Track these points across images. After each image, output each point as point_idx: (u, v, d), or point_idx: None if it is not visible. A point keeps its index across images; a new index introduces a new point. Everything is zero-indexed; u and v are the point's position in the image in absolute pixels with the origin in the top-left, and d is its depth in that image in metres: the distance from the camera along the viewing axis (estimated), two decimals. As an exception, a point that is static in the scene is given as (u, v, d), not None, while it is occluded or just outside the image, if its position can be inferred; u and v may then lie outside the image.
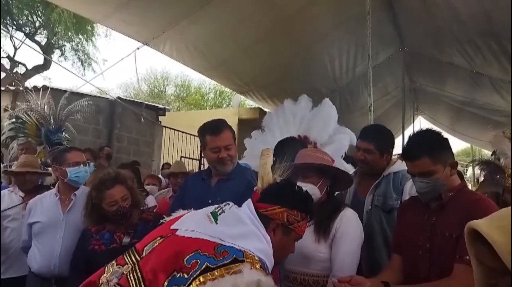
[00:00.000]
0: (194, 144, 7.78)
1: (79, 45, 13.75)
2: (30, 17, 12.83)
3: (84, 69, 13.99)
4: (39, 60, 13.82)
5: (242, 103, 13.69)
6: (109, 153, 5.74)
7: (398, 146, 2.56)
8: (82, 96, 5.31)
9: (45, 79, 14.18)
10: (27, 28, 12.99)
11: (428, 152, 1.63)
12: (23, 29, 12.85)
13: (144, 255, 1.32)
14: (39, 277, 2.39)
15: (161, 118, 8.24)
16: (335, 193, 2.13)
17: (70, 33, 12.55)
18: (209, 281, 1.14)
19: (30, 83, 10.44)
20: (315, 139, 3.06)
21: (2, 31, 11.00)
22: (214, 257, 1.20)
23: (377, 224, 2.24)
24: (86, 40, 13.48)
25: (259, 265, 1.25)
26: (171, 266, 1.20)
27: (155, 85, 22.44)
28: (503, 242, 0.63)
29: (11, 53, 12.99)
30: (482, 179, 3.51)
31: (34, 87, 5.89)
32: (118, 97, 7.57)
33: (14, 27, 12.52)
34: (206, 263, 1.18)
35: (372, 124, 3.74)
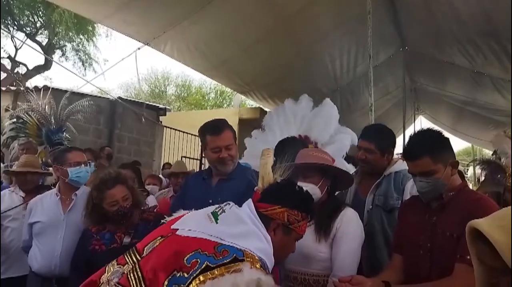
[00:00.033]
0: (195, 144, 7.78)
1: (80, 45, 13.78)
2: (31, 18, 12.86)
3: (85, 69, 14.04)
4: (40, 60, 13.85)
5: (243, 103, 13.69)
6: (110, 153, 5.75)
7: (399, 146, 2.55)
8: (83, 96, 5.31)
9: (46, 79, 14.22)
10: (28, 28, 13.02)
11: (429, 151, 1.63)
12: (24, 29, 12.87)
13: (144, 254, 1.32)
14: (40, 277, 2.39)
15: (162, 118, 8.24)
16: (336, 192, 2.13)
17: (71, 33, 12.57)
18: (209, 280, 1.14)
19: (31, 83, 10.48)
20: (316, 139, 3.06)
21: (3, 31, 11.02)
22: (214, 256, 1.20)
23: (378, 223, 2.23)
24: (87, 40, 13.50)
25: (259, 264, 1.25)
26: (171, 266, 1.20)
27: (156, 85, 22.46)
28: (504, 242, 0.63)
29: (12, 53, 13.04)
30: (483, 178, 3.51)
31: (35, 87, 5.91)
32: (119, 97, 7.58)
33: (15, 28, 12.54)
34: (206, 262, 1.18)
35: (373, 123, 3.74)
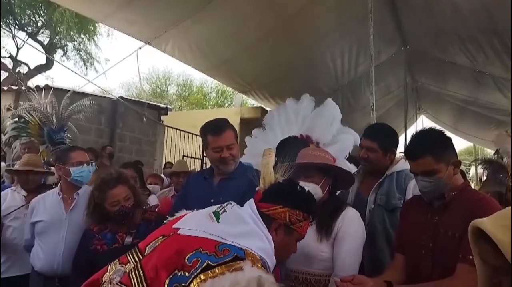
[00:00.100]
0: (196, 143, 7.79)
1: (81, 45, 13.79)
2: (32, 17, 12.87)
3: (86, 68, 14.05)
4: (42, 59, 13.87)
5: (244, 102, 13.70)
6: (111, 152, 5.76)
7: (401, 145, 2.54)
8: (85, 95, 5.33)
9: (47, 79, 14.21)
10: (30, 27, 13.03)
11: (430, 151, 1.62)
12: (26, 28, 12.88)
13: (146, 253, 1.33)
14: (42, 276, 2.40)
15: (163, 118, 8.25)
16: (337, 192, 2.13)
17: (72, 32, 12.58)
18: (209, 279, 1.14)
19: (32, 83, 10.52)
20: (318, 139, 3.06)
21: (5, 31, 11.04)
22: (215, 255, 1.20)
23: (379, 223, 2.23)
24: (88, 39, 13.51)
25: (260, 263, 1.25)
26: (173, 265, 1.20)
27: (157, 85, 22.47)
28: (508, 241, 0.63)
29: (14, 53, 13.05)
30: (485, 178, 3.50)
31: (37, 87, 5.92)
32: (120, 97, 7.59)
33: (16, 27, 12.55)
34: (207, 261, 1.18)
35: (376, 122, 3.73)
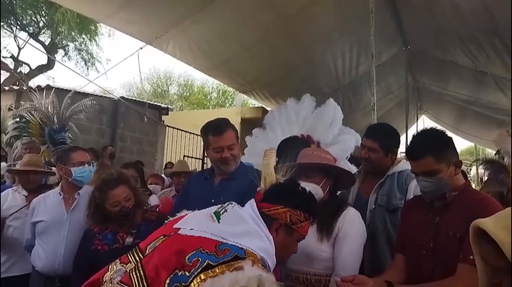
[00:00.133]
0: (197, 143, 7.79)
1: (83, 45, 13.83)
2: (33, 17, 12.90)
3: (87, 68, 14.08)
4: (43, 59, 13.91)
5: (245, 103, 13.71)
6: (112, 152, 5.76)
7: (402, 145, 2.54)
8: (86, 95, 5.34)
9: (48, 79, 14.26)
10: (31, 28, 13.06)
11: (432, 151, 1.62)
12: (27, 29, 12.92)
13: (147, 253, 1.33)
14: (43, 276, 2.40)
15: (164, 118, 8.26)
16: (338, 192, 2.12)
17: (73, 32, 12.61)
18: (209, 278, 1.14)
19: (34, 83, 10.54)
20: (319, 139, 3.05)
21: (6, 31, 11.06)
22: (216, 255, 1.20)
23: (380, 223, 2.22)
24: (90, 39, 13.55)
25: (261, 263, 1.25)
26: (173, 264, 1.21)
27: (158, 85, 22.49)
28: (509, 242, 0.63)
29: (15, 53, 13.10)
30: (486, 178, 3.49)
31: (38, 87, 5.94)
32: (121, 97, 7.60)
33: (18, 27, 12.58)
34: (207, 260, 1.18)
35: (378, 122, 3.72)
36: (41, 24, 13.13)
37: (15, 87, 7.18)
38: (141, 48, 5.32)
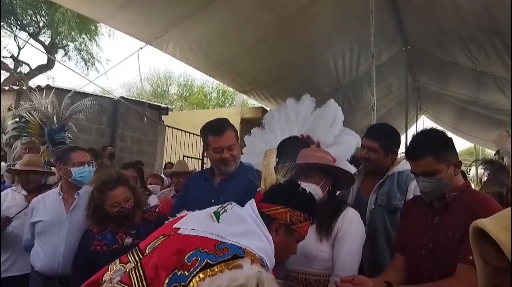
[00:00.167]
0: (197, 143, 7.79)
1: (83, 45, 13.83)
2: (34, 17, 12.90)
3: (87, 68, 14.09)
4: (43, 59, 13.92)
5: (245, 103, 13.71)
6: (112, 152, 5.76)
7: (401, 146, 2.54)
8: (86, 95, 5.34)
9: (48, 79, 14.27)
10: (31, 28, 13.07)
11: (431, 151, 1.62)
12: (27, 29, 12.92)
13: (146, 253, 1.33)
14: (42, 276, 2.40)
15: (164, 118, 8.26)
16: (337, 192, 2.12)
17: (73, 32, 12.61)
18: (208, 277, 1.14)
19: (33, 83, 10.54)
20: (319, 140, 3.05)
21: (6, 31, 11.06)
22: (215, 254, 1.20)
23: (380, 223, 2.22)
24: (90, 39, 13.55)
25: (260, 263, 1.25)
26: (173, 264, 1.21)
27: (158, 85, 22.49)
28: (509, 242, 0.63)
29: (15, 53, 13.10)
30: (486, 179, 3.49)
31: (38, 87, 5.94)
32: (121, 97, 7.60)
33: (18, 27, 12.59)
34: (206, 259, 1.18)
35: (379, 122, 3.71)
36: (41, 24, 13.14)
37: (15, 87, 7.18)
38: (141, 48, 5.32)
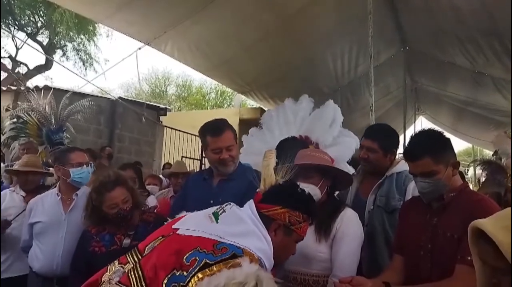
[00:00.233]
0: (195, 144, 7.78)
1: (81, 45, 13.79)
2: (32, 17, 12.87)
3: (85, 69, 14.05)
4: (41, 60, 13.86)
5: (243, 103, 13.69)
6: (110, 153, 5.76)
7: (400, 146, 2.54)
8: (84, 96, 5.33)
9: (46, 79, 14.24)
10: (29, 28, 13.03)
11: (430, 152, 1.62)
12: (25, 29, 12.88)
13: (145, 254, 1.33)
14: (41, 276, 2.39)
15: (162, 118, 8.25)
16: (335, 193, 2.12)
17: (71, 33, 12.59)
18: (207, 277, 1.14)
19: (31, 83, 10.50)
20: (317, 140, 3.04)
21: (4, 31, 11.03)
22: (213, 254, 1.20)
23: (379, 224, 2.22)
24: (88, 40, 13.52)
25: (258, 263, 1.25)
26: (172, 265, 1.21)
27: (157, 85, 22.48)
28: (508, 242, 0.63)
29: (13, 53, 13.05)
30: (484, 179, 3.50)
31: (36, 87, 5.92)
32: (120, 97, 7.59)
33: (16, 27, 12.56)
34: (204, 259, 1.19)
35: (377, 123, 3.72)
36: (39, 24, 13.10)
37: (13, 88, 7.15)
38: (139, 48, 5.31)
